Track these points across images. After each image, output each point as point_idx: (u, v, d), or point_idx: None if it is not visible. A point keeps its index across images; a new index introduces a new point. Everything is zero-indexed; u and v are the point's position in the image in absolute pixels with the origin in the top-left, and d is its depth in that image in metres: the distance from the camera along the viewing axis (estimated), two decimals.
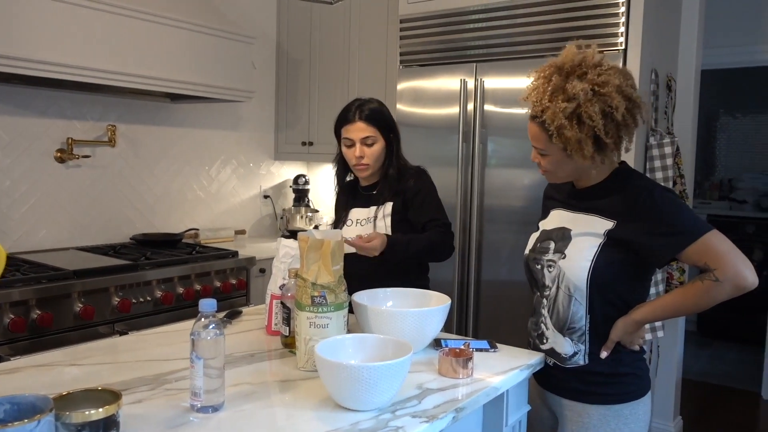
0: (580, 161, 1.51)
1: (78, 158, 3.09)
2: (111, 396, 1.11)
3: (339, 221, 2.20)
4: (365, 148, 2.04)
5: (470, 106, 2.84)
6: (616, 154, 1.56)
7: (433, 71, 2.97)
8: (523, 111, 1.59)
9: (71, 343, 2.30)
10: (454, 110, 2.89)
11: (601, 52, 1.57)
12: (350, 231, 2.09)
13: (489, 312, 2.85)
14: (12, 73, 2.45)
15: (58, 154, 3.04)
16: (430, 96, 2.98)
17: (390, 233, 2.01)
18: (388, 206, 2.06)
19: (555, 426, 1.72)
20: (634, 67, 2.50)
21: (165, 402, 1.28)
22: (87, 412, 1.04)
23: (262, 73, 3.96)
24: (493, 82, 2.78)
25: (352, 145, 2.05)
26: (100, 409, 1.05)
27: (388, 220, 2.05)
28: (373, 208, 2.09)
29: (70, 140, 3.05)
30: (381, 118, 2.08)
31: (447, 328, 1.83)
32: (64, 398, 1.09)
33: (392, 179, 2.08)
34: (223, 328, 1.27)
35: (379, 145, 2.06)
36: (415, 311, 1.60)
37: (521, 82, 2.71)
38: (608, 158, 1.53)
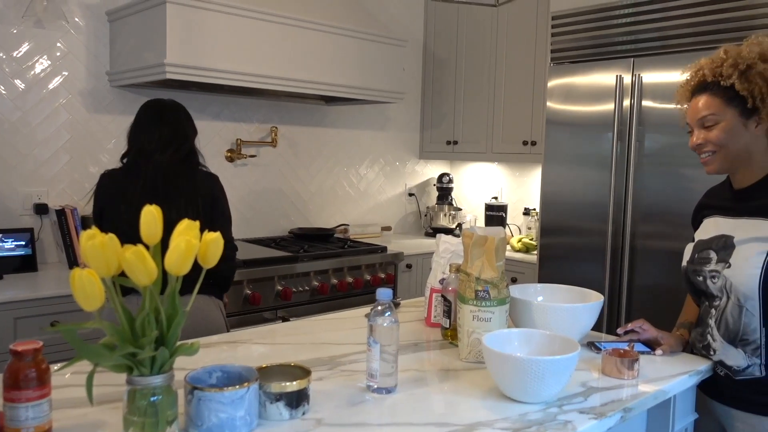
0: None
1: (245, 157, 3.38)
2: (302, 372, 1.23)
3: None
4: None
5: (626, 103, 2.74)
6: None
7: (586, 68, 2.91)
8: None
9: (240, 325, 2.53)
10: (608, 107, 2.80)
11: None
12: None
13: (641, 316, 2.74)
14: (191, 81, 2.74)
15: (229, 153, 3.33)
16: (582, 93, 2.92)
17: None
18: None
19: None
20: None
21: (343, 381, 1.39)
22: (284, 384, 1.17)
23: (408, 74, 4.07)
24: (652, 76, 2.67)
25: None
26: (295, 383, 1.17)
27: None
28: None
29: (239, 141, 3.34)
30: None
31: (597, 328, 1.82)
32: (263, 370, 1.23)
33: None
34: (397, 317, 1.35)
35: None
36: (568, 306, 1.61)
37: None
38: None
